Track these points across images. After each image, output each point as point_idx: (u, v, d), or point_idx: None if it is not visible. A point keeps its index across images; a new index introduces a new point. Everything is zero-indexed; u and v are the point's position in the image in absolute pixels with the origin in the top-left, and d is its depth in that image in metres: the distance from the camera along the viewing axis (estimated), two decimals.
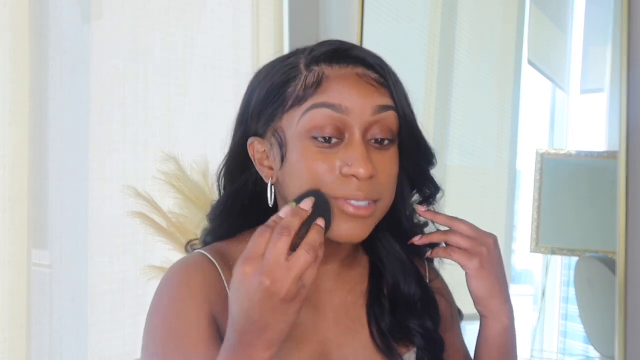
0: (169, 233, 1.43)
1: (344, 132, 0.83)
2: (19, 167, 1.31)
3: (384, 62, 0.87)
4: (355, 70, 0.84)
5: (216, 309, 0.85)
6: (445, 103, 1.98)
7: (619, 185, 1.60)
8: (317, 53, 0.85)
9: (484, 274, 0.91)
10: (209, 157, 1.48)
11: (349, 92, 0.83)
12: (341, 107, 0.82)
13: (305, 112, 0.83)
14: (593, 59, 1.90)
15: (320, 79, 0.83)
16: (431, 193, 0.95)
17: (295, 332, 0.88)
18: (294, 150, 0.84)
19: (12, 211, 1.29)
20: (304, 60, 0.86)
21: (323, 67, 0.84)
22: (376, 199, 0.84)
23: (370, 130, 0.84)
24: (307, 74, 0.84)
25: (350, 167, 0.82)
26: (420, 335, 0.93)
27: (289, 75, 0.85)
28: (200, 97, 1.70)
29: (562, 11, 1.98)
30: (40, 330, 1.38)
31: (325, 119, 0.82)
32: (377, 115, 0.83)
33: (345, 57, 0.85)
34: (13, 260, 1.29)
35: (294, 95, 0.84)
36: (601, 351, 1.74)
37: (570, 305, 1.87)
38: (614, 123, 1.65)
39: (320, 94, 0.83)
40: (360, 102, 0.82)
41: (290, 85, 0.85)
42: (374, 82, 0.84)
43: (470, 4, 2.03)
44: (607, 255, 1.70)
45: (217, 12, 1.74)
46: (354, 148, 0.82)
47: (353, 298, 0.94)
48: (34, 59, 1.34)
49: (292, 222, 0.75)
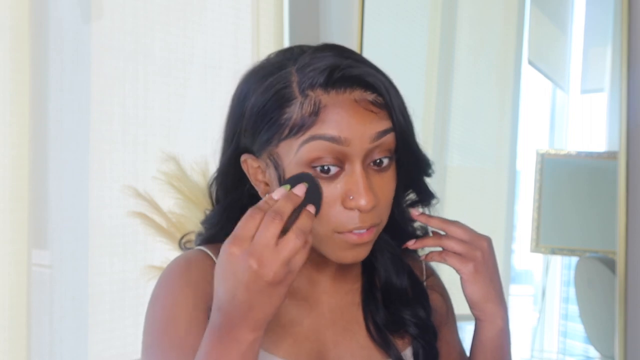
0: (169, 233, 1.43)
1: (344, 162, 0.82)
2: (19, 167, 1.31)
3: (382, 78, 0.83)
4: (353, 95, 0.81)
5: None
6: (445, 103, 1.98)
7: (619, 186, 1.60)
8: (310, 75, 0.81)
9: (478, 278, 0.91)
10: (209, 157, 1.47)
11: (347, 121, 0.80)
12: (340, 139, 0.80)
13: (304, 144, 0.81)
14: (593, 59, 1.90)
15: (317, 108, 0.80)
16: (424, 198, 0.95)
17: (293, 330, 0.89)
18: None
19: (12, 211, 1.29)
20: (297, 78, 0.82)
21: (319, 92, 0.80)
22: (377, 224, 0.84)
23: (370, 155, 0.83)
24: (303, 100, 0.80)
25: (352, 200, 0.81)
26: (414, 324, 0.93)
27: (282, 96, 0.82)
28: (200, 97, 1.70)
29: (562, 11, 1.98)
30: (40, 330, 1.38)
31: (325, 151, 0.80)
32: (376, 142, 0.82)
33: (340, 80, 0.81)
34: (13, 260, 1.30)
35: (290, 124, 0.81)
36: (601, 351, 1.74)
37: (570, 305, 1.87)
38: (614, 123, 1.66)
39: (318, 125, 0.80)
40: (359, 131, 0.80)
41: (285, 110, 0.81)
42: (372, 107, 0.81)
43: (470, 4, 2.03)
44: (607, 255, 1.70)
45: (217, 12, 1.74)
46: (354, 180, 0.81)
47: (350, 298, 0.95)
48: (34, 59, 1.34)
49: (285, 206, 0.75)
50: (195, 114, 1.68)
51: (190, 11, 1.69)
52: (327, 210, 0.82)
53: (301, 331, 0.90)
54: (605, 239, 1.68)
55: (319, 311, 0.93)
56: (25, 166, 1.31)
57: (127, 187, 1.43)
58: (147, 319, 0.87)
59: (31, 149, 1.33)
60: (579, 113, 1.91)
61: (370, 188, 0.81)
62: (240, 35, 1.79)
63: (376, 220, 0.84)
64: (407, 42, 1.99)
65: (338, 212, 0.82)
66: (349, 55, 0.84)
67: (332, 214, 0.82)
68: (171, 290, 0.87)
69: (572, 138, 1.94)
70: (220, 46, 1.75)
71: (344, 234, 0.83)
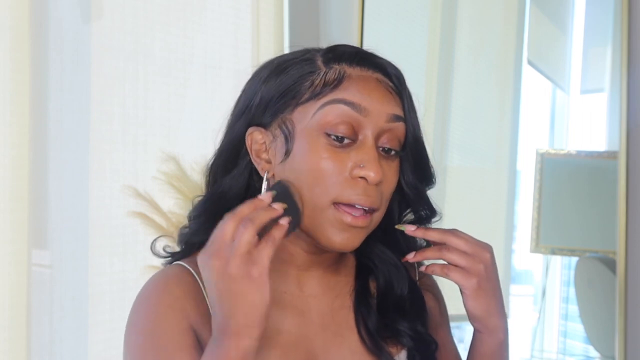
0: (169, 233, 1.43)
1: (358, 133, 0.82)
2: (19, 167, 1.31)
3: (401, 74, 0.87)
4: (375, 75, 0.84)
5: (195, 321, 0.83)
6: (445, 103, 1.98)
7: (619, 185, 1.60)
8: (338, 52, 0.85)
9: (481, 293, 0.87)
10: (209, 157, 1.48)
11: (368, 94, 0.82)
12: (360, 107, 0.81)
13: (322, 107, 0.82)
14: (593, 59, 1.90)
15: (341, 76, 0.83)
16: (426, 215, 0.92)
17: (280, 339, 0.86)
18: (302, 145, 0.82)
19: (12, 211, 1.29)
20: (322, 58, 0.85)
21: (344, 66, 0.84)
22: (375, 208, 0.83)
23: (381, 137, 0.83)
24: (327, 70, 0.83)
25: (361, 168, 0.81)
26: (410, 337, 0.90)
27: (305, 69, 0.84)
28: (200, 97, 1.70)
29: (562, 11, 1.98)
30: (40, 330, 1.38)
31: (342, 116, 0.81)
32: (390, 124, 0.83)
33: (366, 60, 0.85)
34: (13, 260, 1.30)
35: (312, 88, 0.83)
36: (601, 351, 1.75)
37: (570, 305, 1.88)
38: (614, 123, 1.66)
39: (340, 91, 0.82)
40: (377, 106, 0.82)
41: (307, 79, 0.83)
42: (392, 90, 0.84)
43: (470, 4, 2.03)
44: (607, 255, 1.70)
45: (217, 12, 1.74)
46: (367, 150, 0.81)
47: (340, 302, 0.92)
48: (34, 59, 1.34)
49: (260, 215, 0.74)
50: (195, 114, 1.68)
51: (190, 11, 1.69)
52: (332, 179, 0.81)
53: (289, 340, 0.87)
54: (605, 239, 1.68)
55: (307, 317, 0.89)
56: (25, 166, 1.31)
57: (127, 187, 1.43)
58: (127, 343, 0.85)
59: (31, 149, 1.33)
60: (579, 113, 1.92)
61: (381, 165, 0.81)
62: (240, 35, 1.79)
63: (376, 203, 0.82)
64: (407, 42, 1.99)
65: (343, 180, 0.81)
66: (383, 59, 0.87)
67: (336, 182, 0.81)
68: (149, 313, 0.84)
69: (572, 138, 1.94)
70: (220, 46, 1.75)
71: (341, 209, 0.81)
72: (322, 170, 0.81)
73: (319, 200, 0.81)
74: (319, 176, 0.81)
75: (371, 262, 0.93)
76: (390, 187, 0.85)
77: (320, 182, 0.81)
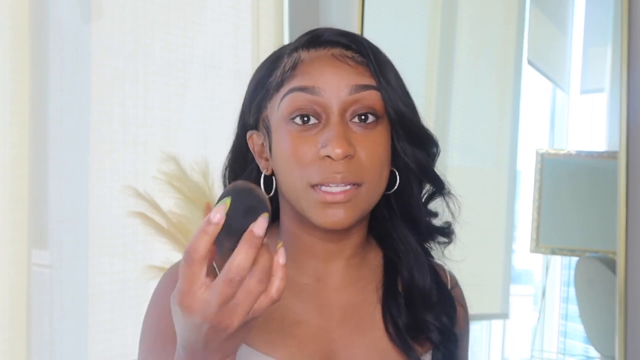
0: (169, 233, 1.43)
1: (321, 114, 0.82)
2: (19, 167, 1.31)
3: (363, 41, 0.85)
4: (331, 51, 0.84)
5: None
6: (445, 103, 1.98)
7: (619, 185, 1.60)
8: (298, 40, 0.86)
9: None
10: (209, 157, 1.48)
11: (321, 72, 0.82)
12: (314, 89, 0.81)
13: (283, 97, 0.83)
14: (593, 59, 1.90)
15: (295, 63, 0.83)
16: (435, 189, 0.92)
17: (298, 330, 0.86)
18: (277, 137, 0.84)
19: (12, 211, 1.29)
20: (288, 49, 0.86)
21: (300, 51, 0.85)
22: (356, 182, 0.81)
23: (349, 109, 0.82)
24: (287, 60, 0.84)
25: (325, 147, 0.80)
26: (437, 330, 0.89)
27: (274, 65, 0.86)
28: (200, 97, 1.70)
29: (562, 11, 1.98)
30: (40, 330, 1.38)
31: (301, 102, 0.81)
32: (355, 95, 0.82)
33: (319, 40, 0.85)
34: (13, 260, 1.29)
35: (275, 81, 0.84)
36: (601, 351, 1.75)
37: (570, 305, 1.87)
38: (614, 123, 1.66)
39: (295, 78, 0.82)
40: (334, 82, 0.81)
41: (272, 74, 0.85)
42: (351, 62, 0.83)
43: (470, 4, 2.03)
44: (607, 255, 1.70)
45: (217, 12, 1.74)
46: (329, 128, 0.81)
47: (363, 296, 0.90)
48: (34, 59, 1.34)
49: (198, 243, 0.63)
50: (195, 114, 1.68)
51: (190, 11, 1.69)
52: (304, 163, 0.81)
53: (308, 331, 0.86)
54: (605, 239, 1.68)
55: (327, 310, 0.88)
56: (25, 166, 1.31)
57: (127, 187, 1.43)
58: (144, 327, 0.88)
59: (31, 149, 1.33)
60: (579, 113, 1.92)
61: (348, 139, 0.80)
62: (240, 35, 1.79)
63: (353, 178, 0.80)
64: (407, 42, 1.99)
65: (314, 162, 0.81)
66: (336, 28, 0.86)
67: (308, 165, 0.81)
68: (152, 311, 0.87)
69: (572, 138, 1.94)
70: (220, 46, 1.75)
71: (318, 190, 0.80)
72: (294, 156, 0.81)
73: (299, 185, 0.82)
74: (293, 162, 0.82)
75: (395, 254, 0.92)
76: (371, 156, 0.82)
77: (295, 168, 0.81)
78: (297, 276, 0.88)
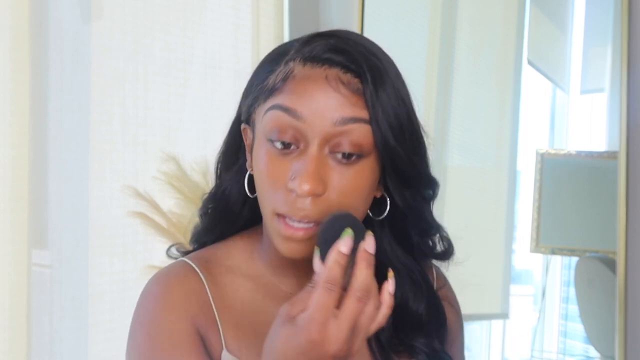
0: (169, 233, 1.43)
1: (300, 140, 0.74)
2: (19, 167, 1.31)
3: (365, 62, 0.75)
4: (327, 72, 0.74)
5: (200, 322, 0.79)
6: (445, 103, 1.98)
7: (619, 185, 1.60)
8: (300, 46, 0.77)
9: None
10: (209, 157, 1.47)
11: (309, 96, 0.73)
12: (296, 112, 0.73)
13: (267, 111, 0.76)
14: (593, 59, 1.90)
15: (287, 76, 0.75)
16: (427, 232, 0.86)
17: None
18: (258, 148, 0.78)
19: (12, 211, 1.29)
20: (289, 53, 0.78)
21: (296, 63, 0.76)
22: (317, 222, 0.74)
23: (332, 142, 0.74)
24: (282, 68, 0.76)
25: (293, 180, 0.74)
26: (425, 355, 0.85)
27: (272, 67, 0.78)
28: (200, 97, 1.70)
29: (562, 11, 1.98)
30: (40, 330, 1.38)
31: (282, 124, 0.74)
32: (341, 127, 0.73)
33: (321, 56, 0.75)
34: (13, 260, 1.29)
35: (266, 89, 0.77)
36: (601, 351, 1.74)
37: (570, 305, 1.87)
38: (614, 123, 1.65)
39: (282, 93, 0.75)
40: (320, 110, 0.73)
41: (267, 78, 0.77)
42: (345, 89, 0.73)
43: (470, 4, 2.03)
44: (607, 255, 1.70)
45: (217, 12, 1.74)
46: (303, 160, 0.74)
47: None
48: (34, 59, 1.34)
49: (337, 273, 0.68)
50: (195, 114, 1.68)
51: (190, 11, 1.69)
52: (272, 188, 0.75)
53: None
54: (605, 239, 1.68)
55: None
56: (25, 166, 1.31)
57: (127, 187, 1.43)
58: (131, 345, 0.81)
59: (31, 149, 1.33)
60: (579, 113, 1.91)
61: (319, 176, 0.73)
62: (240, 35, 1.79)
63: (317, 216, 0.74)
64: (407, 42, 1.98)
65: (282, 190, 0.75)
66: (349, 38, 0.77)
67: (276, 192, 0.75)
68: (153, 315, 0.80)
69: (572, 138, 1.94)
70: (220, 46, 1.75)
71: (281, 220, 0.75)
72: (267, 177, 0.76)
73: (267, 208, 0.77)
74: (266, 182, 0.77)
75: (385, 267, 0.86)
76: (347, 195, 0.75)
77: (266, 189, 0.77)
78: (281, 285, 0.85)
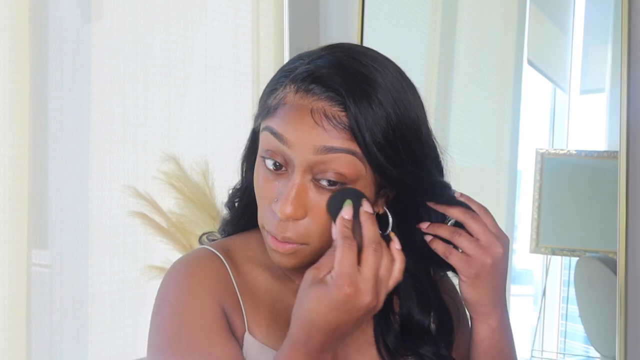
0: (169, 233, 1.43)
1: (288, 163, 0.79)
2: (19, 167, 1.30)
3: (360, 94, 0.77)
4: (313, 103, 0.77)
5: (225, 303, 0.83)
6: (445, 103, 1.98)
7: (619, 185, 1.60)
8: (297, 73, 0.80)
9: (478, 283, 0.85)
10: (209, 157, 1.48)
11: (293, 124, 0.77)
12: (283, 139, 0.77)
13: (264, 129, 0.81)
14: (593, 59, 1.90)
15: (279, 102, 0.79)
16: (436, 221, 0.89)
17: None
18: (258, 159, 0.83)
19: (12, 211, 1.29)
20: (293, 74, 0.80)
21: (290, 90, 0.79)
22: (298, 243, 0.79)
23: (315, 169, 0.78)
24: (281, 92, 0.80)
25: (276, 202, 0.78)
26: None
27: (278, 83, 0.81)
28: (200, 97, 1.70)
29: (562, 11, 1.98)
30: (40, 330, 1.38)
31: (273, 146, 0.79)
32: (322, 156, 0.76)
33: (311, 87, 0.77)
34: (13, 260, 1.29)
35: (266, 108, 0.81)
36: (601, 351, 1.74)
37: (570, 305, 1.87)
38: (614, 123, 1.66)
39: (275, 117, 0.79)
40: (303, 139, 0.76)
41: (271, 95, 0.82)
42: (328, 124, 0.76)
43: (470, 4, 2.03)
44: (607, 255, 1.70)
45: (217, 12, 1.74)
46: (288, 182, 0.78)
47: None
48: (34, 59, 1.34)
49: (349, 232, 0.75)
50: (195, 114, 1.68)
51: (190, 11, 1.69)
52: (261, 204, 0.82)
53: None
54: (605, 239, 1.68)
55: None
56: (25, 166, 1.31)
57: (127, 187, 1.43)
58: (157, 323, 0.82)
59: (31, 149, 1.33)
60: (579, 113, 1.91)
61: (300, 201, 0.77)
62: (240, 35, 1.79)
63: (295, 238, 0.79)
64: (407, 42, 1.98)
65: (268, 209, 0.81)
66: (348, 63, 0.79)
67: (264, 208, 0.81)
68: (182, 292, 0.82)
69: (572, 138, 1.94)
70: (220, 46, 1.75)
71: (267, 233, 0.81)
72: (257, 193, 0.82)
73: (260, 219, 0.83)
74: (257, 197, 0.83)
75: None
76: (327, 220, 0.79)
77: (260, 202, 0.83)
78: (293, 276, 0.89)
